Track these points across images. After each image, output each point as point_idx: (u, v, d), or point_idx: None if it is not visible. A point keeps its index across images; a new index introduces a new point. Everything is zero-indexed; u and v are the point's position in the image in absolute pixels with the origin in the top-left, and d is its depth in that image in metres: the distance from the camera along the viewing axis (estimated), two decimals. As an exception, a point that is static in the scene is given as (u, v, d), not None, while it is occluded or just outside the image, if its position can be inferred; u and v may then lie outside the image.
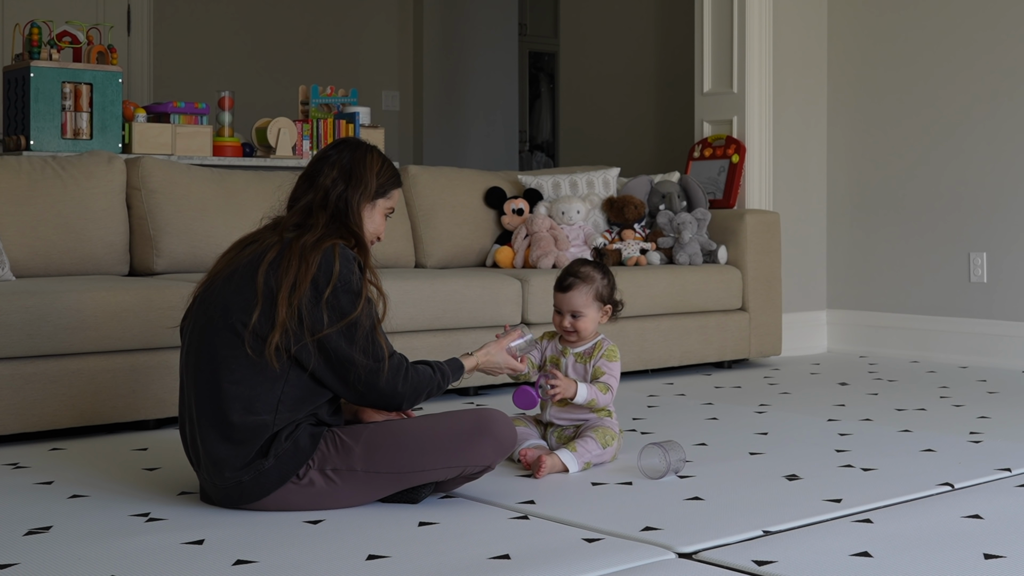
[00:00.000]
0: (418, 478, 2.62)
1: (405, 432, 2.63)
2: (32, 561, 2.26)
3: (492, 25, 9.03)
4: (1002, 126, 5.31)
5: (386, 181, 2.78)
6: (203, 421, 2.58)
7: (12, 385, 3.42)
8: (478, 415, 2.68)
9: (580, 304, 3.17)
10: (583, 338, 3.20)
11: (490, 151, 8.92)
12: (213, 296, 2.63)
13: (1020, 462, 3.14)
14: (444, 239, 5.00)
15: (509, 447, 2.70)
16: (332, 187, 2.71)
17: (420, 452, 2.61)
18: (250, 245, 2.68)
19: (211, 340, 2.59)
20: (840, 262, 5.88)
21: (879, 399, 4.31)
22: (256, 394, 2.55)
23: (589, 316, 3.18)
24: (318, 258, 2.57)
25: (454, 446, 2.62)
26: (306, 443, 2.57)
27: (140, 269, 4.30)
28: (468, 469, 2.65)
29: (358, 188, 2.72)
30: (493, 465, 2.69)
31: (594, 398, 3.13)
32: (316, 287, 2.55)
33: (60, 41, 4.84)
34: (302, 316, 2.54)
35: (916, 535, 2.43)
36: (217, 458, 2.57)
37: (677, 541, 2.38)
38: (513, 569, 2.20)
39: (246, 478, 2.56)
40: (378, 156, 2.79)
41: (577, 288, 3.19)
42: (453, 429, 2.65)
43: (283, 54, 8.03)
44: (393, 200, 2.82)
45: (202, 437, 2.59)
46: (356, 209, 2.72)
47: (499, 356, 2.98)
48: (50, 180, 4.11)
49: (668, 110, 6.60)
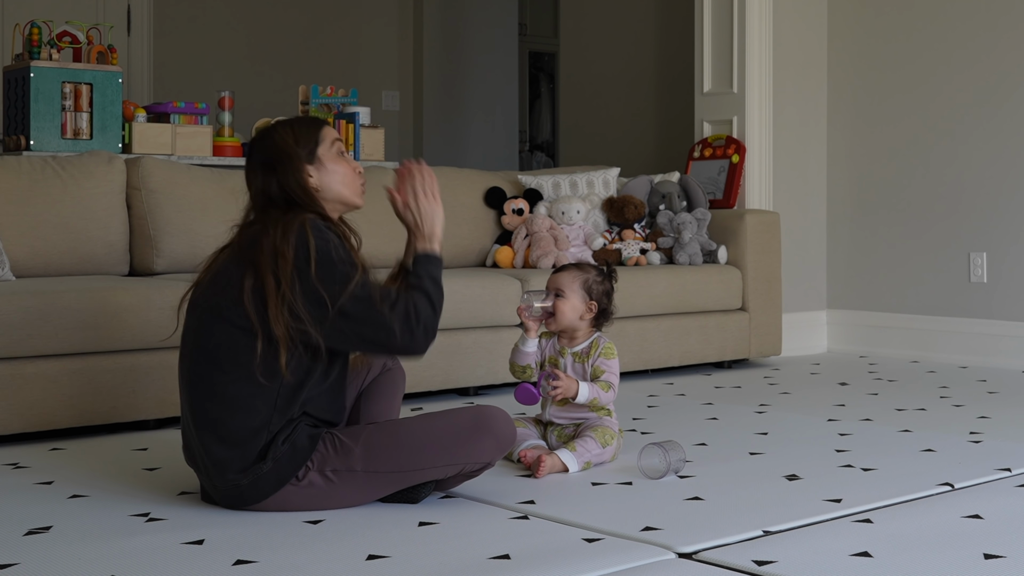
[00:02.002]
0: (418, 476, 2.62)
1: (404, 431, 2.62)
2: (32, 561, 2.26)
3: (492, 25, 9.03)
4: (1002, 126, 5.31)
5: (306, 138, 2.67)
6: (200, 423, 2.58)
7: (12, 385, 3.42)
8: (477, 412, 2.68)
9: (564, 284, 3.19)
10: (560, 325, 3.19)
11: (490, 151, 8.92)
12: (201, 299, 2.62)
13: (1020, 462, 3.14)
14: (444, 239, 4.94)
15: (508, 444, 2.70)
16: (265, 184, 2.64)
17: (419, 451, 2.60)
18: (224, 250, 2.66)
19: (205, 343, 2.58)
20: (840, 262, 5.88)
21: (879, 399, 4.31)
22: (253, 393, 2.54)
23: (570, 301, 3.17)
24: (291, 243, 2.50)
25: (453, 444, 2.62)
26: (304, 444, 2.57)
27: (140, 269, 4.30)
28: (468, 467, 2.65)
29: (287, 168, 2.63)
30: (493, 462, 2.69)
31: (596, 397, 3.13)
32: (300, 273, 2.49)
33: (60, 41, 4.84)
34: (300, 313, 2.50)
35: (916, 535, 2.43)
36: (216, 460, 2.56)
37: (677, 541, 2.38)
38: (513, 569, 2.20)
39: (244, 482, 2.55)
40: (283, 128, 2.68)
41: (568, 271, 3.23)
42: (452, 427, 2.64)
43: (283, 54, 8.03)
44: (328, 139, 2.70)
45: (200, 440, 2.58)
46: (302, 186, 2.63)
47: (436, 211, 2.78)
48: (50, 180, 4.11)
49: (668, 110, 6.60)
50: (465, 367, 4.32)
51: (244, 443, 2.54)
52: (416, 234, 2.76)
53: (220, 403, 2.55)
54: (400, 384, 2.99)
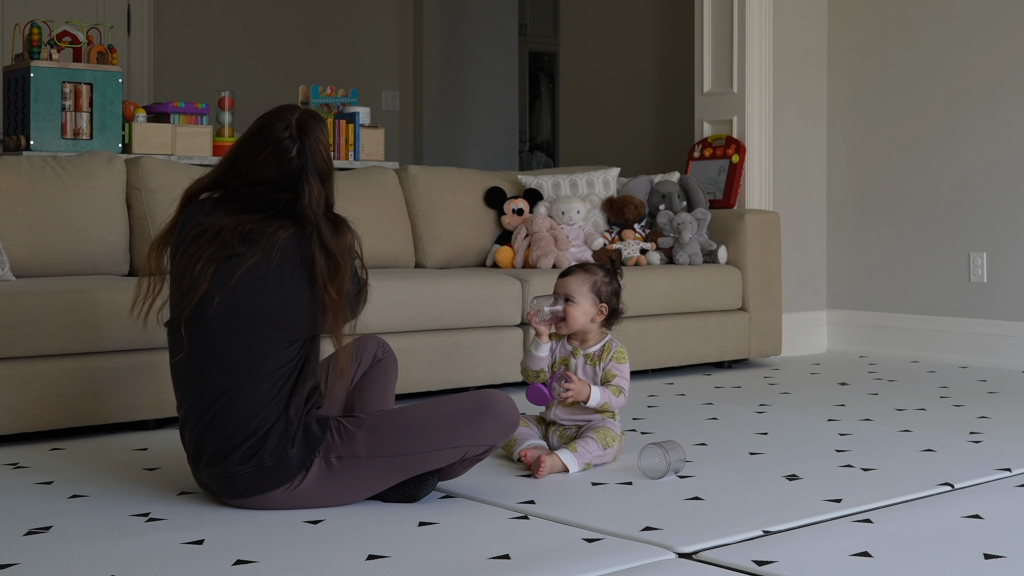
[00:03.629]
0: (422, 461, 2.62)
1: (407, 416, 2.65)
2: (32, 561, 2.26)
3: (492, 25, 9.03)
4: (1002, 126, 5.31)
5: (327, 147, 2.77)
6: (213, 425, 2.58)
7: (12, 385, 3.42)
8: (479, 396, 2.70)
9: (573, 289, 3.18)
10: (572, 329, 3.19)
11: (490, 151, 8.92)
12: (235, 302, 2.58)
13: (1020, 462, 3.14)
14: (444, 239, 5.00)
15: (512, 426, 2.71)
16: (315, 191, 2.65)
17: (423, 434, 2.61)
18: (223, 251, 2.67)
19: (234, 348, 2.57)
20: (840, 262, 5.88)
21: (879, 399, 4.31)
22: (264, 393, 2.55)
23: (581, 306, 3.17)
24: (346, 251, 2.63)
25: (457, 427, 2.63)
26: (316, 429, 2.60)
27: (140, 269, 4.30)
28: (472, 450, 2.66)
29: (331, 182, 2.70)
30: (497, 444, 2.70)
31: (607, 401, 3.13)
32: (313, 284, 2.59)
33: (60, 41, 4.84)
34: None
35: (916, 535, 2.43)
36: (224, 456, 2.56)
37: (677, 541, 2.38)
38: (513, 569, 2.20)
39: (268, 462, 2.55)
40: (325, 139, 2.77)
41: (576, 274, 3.22)
42: (455, 410, 2.66)
43: (283, 54, 8.03)
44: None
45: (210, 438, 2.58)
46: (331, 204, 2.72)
47: None
48: (50, 180, 4.11)
49: (668, 110, 6.60)
50: (465, 367, 4.32)
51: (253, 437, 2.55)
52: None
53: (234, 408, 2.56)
54: (392, 375, 2.99)
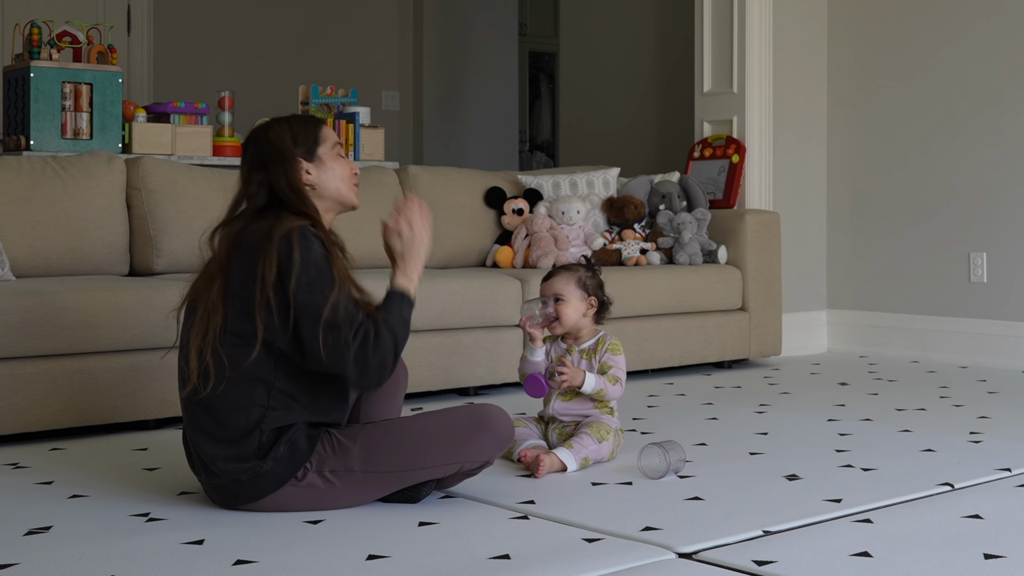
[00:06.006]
0: (417, 476, 2.62)
1: (402, 430, 2.62)
2: (32, 561, 2.26)
3: (492, 25, 9.03)
4: (1003, 126, 5.31)
5: (305, 136, 2.66)
6: (194, 422, 2.58)
7: (12, 385, 3.42)
8: (475, 411, 2.68)
9: (561, 287, 3.22)
10: (566, 327, 3.21)
11: (490, 151, 8.92)
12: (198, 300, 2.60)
13: (1020, 462, 3.14)
14: (444, 239, 5.00)
15: (506, 442, 2.69)
16: (254, 182, 2.61)
17: (418, 450, 2.60)
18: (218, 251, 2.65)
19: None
20: (840, 262, 5.88)
21: (879, 399, 4.31)
22: (245, 393, 2.54)
23: (571, 303, 3.20)
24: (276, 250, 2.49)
25: (452, 443, 2.62)
26: (303, 445, 2.57)
27: (140, 269, 4.30)
28: (466, 465, 2.65)
29: (279, 167, 2.61)
30: (491, 460, 2.69)
31: (603, 388, 3.15)
32: (281, 281, 2.49)
33: (60, 41, 4.84)
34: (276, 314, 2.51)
35: (916, 535, 2.43)
36: (211, 458, 2.56)
37: (677, 541, 2.38)
38: (513, 569, 2.20)
39: (244, 477, 2.55)
40: (279, 126, 2.67)
41: (559, 274, 3.26)
42: (450, 426, 2.64)
43: (283, 54, 8.03)
44: (330, 140, 2.70)
45: (195, 437, 2.59)
46: (293, 187, 2.61)
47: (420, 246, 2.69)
48: (50, 180, 4.11)
49: (668, 110, 6.60)
50: (465, 367, 4.32)
51: (238, 442, 2.54)
52: (399, 267, 2.69)
53: (213, 401, 2.55)
54: (402, 383, 2.99)
